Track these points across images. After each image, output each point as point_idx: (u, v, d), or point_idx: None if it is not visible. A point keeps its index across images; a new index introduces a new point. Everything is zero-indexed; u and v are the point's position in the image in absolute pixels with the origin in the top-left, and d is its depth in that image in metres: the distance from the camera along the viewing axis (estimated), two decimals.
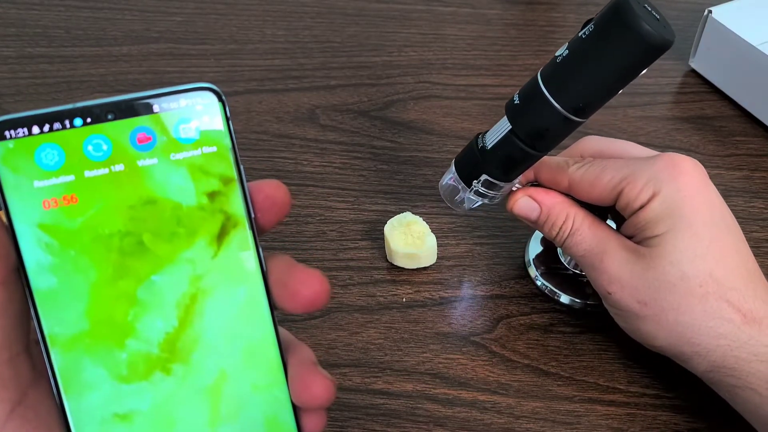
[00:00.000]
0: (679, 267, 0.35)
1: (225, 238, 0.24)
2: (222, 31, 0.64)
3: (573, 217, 0.39)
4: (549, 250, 0.47)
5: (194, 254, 0.24)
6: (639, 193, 0.36)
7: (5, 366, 0.22)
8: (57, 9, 0.65)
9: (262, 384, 0.25)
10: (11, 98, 0.56)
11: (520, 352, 0.42)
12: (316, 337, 0.42)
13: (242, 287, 0.24)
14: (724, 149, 0.55)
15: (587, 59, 0.33)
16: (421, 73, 0.60)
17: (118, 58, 0.61)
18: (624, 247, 0.38)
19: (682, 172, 0.36)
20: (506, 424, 0.39)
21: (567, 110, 0.35)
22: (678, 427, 0.39)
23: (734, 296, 0.35)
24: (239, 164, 0.24)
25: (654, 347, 0.38)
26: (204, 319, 0.24)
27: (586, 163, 0.39)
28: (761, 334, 0.34)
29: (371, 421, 0.39)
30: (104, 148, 0.23)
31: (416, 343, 0.42)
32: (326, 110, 0.57)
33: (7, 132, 0.22)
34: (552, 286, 0.44)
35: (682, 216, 0.36)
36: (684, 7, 0.69)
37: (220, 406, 0.25)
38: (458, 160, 0.42)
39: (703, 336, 0.35)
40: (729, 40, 0.56)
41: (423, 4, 0.68)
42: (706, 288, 0.35)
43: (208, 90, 0.23)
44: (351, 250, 0.47)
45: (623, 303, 0.37)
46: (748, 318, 0.34)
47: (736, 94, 0.58)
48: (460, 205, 0.43)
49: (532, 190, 0.41)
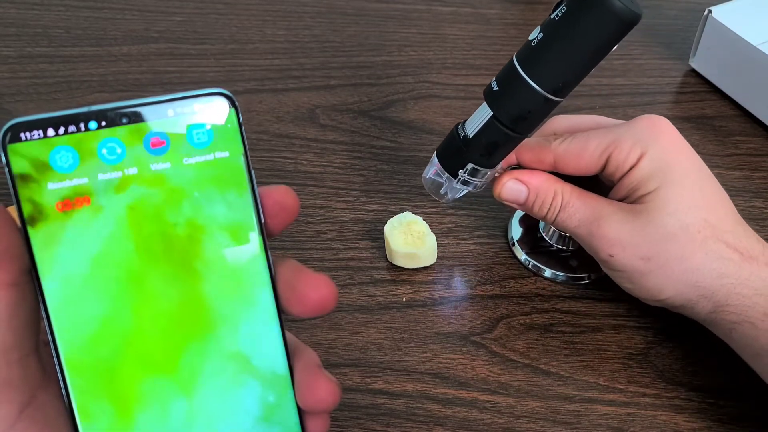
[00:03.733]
0: (677, 217, 0.37)
1: (236, 242, 0.24)
2: (222, 31, 0.64)
3: (561, 192, 0.40)
4: (530, 228, 0.48)
5: (205, 257, 0.24)
6: (627, 155, 0.38)
7: (15, 366, 0.22)
8: (57, 9, 0.65)
9: (268, 387, 0.25)
10: (11, 98, 0.56)
11: (520, 352, 0.42)
12: (316, 337, 0.42)
13: (252, 291, 0.25)
14: (724, 149, 0.55)
15: (562, 39, 0.35)
16: (421, 72, 0.60)
17: (118, 58, 0.61)
18: (619, 208, 0.39)
19: (662, 130, 0.39)
20: (506, 424, 0.39)
21: (547, 91, 0.36)
22: (678, 427, 0.39)
23: (730, 238, 0.37)
24: (251, 170, 0.24)
25: (660, 301, 0.39)
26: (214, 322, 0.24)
27: (568, 137, 0.40)
28: (760, 270, 0.37)
29: (371, 421, 0.39)
30: (118, 152, 0.23)
31: (416, 343, 0.42)
32: (326, 110, 0.57)
33: (23, 134, 0.22)
34: (536, 262, 0.46)
35: (671, 170, 0.38)
36: (684, 7, 0.69)
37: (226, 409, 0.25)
38: (441, 152, 0.42)
39: (707, 278, 0.37)
40: (729, 40, 0.56)
41: (423, 4, 0.68)
42: (704, 233, 0.37)
43: (222, 95, 0.23)
44: (351, 250, 0.47)
45: (626, 263, 0.38)
46: (745, 256, 0.37)
47: (736, 94, 0.58)
48: (445, 196, 0.43)
49: (516, 173, 0.42)
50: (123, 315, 0.24)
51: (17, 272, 0.22)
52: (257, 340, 0.25)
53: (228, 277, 0.24)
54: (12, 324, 0.22)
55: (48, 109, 0.55)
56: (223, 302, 0.24)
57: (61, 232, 0.23)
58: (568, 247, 0.46)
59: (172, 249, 0.24)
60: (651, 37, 0.65)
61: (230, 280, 0.24)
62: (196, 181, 0.24)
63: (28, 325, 0.23)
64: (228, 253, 0.24)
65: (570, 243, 0.46)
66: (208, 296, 0.24)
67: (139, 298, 0.24)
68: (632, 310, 0.44)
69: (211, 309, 0.24)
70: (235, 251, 0.24)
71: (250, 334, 0.25)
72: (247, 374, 0.25)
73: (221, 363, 0.25)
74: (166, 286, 0.24)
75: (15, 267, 0.22)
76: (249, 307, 0.25)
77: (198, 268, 0.24)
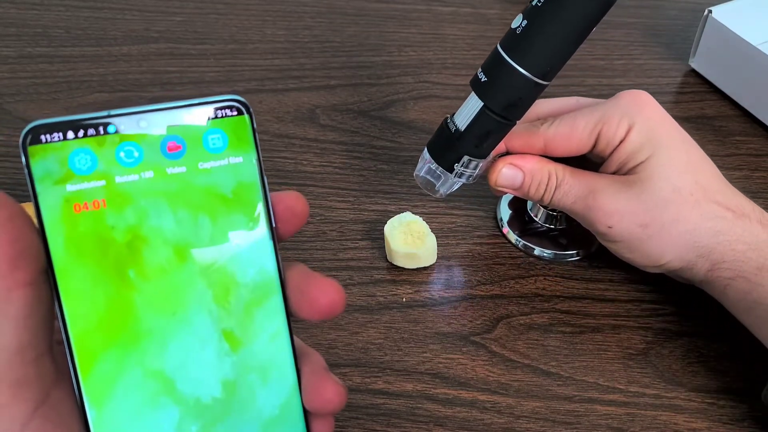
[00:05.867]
0: (669, 182, 0.39)
1: (248, 246, 0.25)
2: (222, 31, 0.64)
3: (555, 172, 0.42)
4: (519, 211, 0.49)
5: (219, 261, 0.24)
6: (616, 130, 0.40)
7: (31, 365, 0.23)
8: (57, 9, 0.65)
9: (275, 390, 0.25)
10: (11, 98, 0.56)
11: (520, 352, 0.42)
12: (316, 337, 0.42)
13: (262, 294, 0.25)
14: (724, 149, 0.55)
15: (547, 24, 0.36)
16: (421, 73, 0.60)
17: (118, 58, 0.61)
18: (613, 180, 0.40)
19: (645, 103, 0.41)
20: (506, 424, 0.39)
21: (536, 76, 0.37)
22: (678, 427, 0.39)
23: (720, 197, 0.39)
24: (263, 175, 0.25)
25: (660, 266, 0.40)
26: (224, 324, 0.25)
27: (555, 121, 0.42)
28: (752, 226, 0.38)
29: (371, 421, 0.39)
30: (135, 155, 0.23)
31: (416, 343, 0.42)
32: (326, 110, 0.57)
33: (43, 136, 0.23)
34: (526, 242, 0.47)
35: (659, 139, 0.40)
36: (684, 7, 0.69)
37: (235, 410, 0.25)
38: (433, 147, 0.43)
39: (704, 237, 0.38)
40: (729, 40, 0.56)
41: (423, 4, 0.68)
42: (696, 195, 0.39)
43: (237, 102, 0.24)
44: (351, 250, 0.47)
45: (626, 231, 0.40)
46: (738, 213, 0.39)
47: (736, 94, 0.58)
48: (439, 191, 0.44)
49: (509, 158, 0.43)
50: (137, 316, 0.24)
51: (35, 272, 0.22)
52: (266, 342, 0.25)
53: (240, 280, 0.25)
54: (28, 323, 0.22)
55: (48, 109, 0.56)
56: (234, 305, 0.25)
57: (77, 233, 0.23)
58: (556, 226, 0.47)
59: (186, 252, 0.24)
60: (651, 37, 0.65)
61: (241, 284, 0.25)
62: (210, 186, 0.24)
63: (44, 324, 0.23)
64: (239, 257, 0.25)
65: (557, 222, 0.48)
66: (219, 299, 0.25)
67: (153, 299, 0.24)
68: (632, 310, 0.44)
69: (222, 311, 0.25)
70: (248, 255, 0.25)
71: (260, 336, 0.25)
72: (255, 376, 0.25)
73: (231, 364, 0.25)
74: (178, 288, 0.24)
75: (33, 267, 0.22)
76: (259, 309, 0.25)
77: (210, 271, 0.24)
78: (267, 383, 0.25)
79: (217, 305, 0.25)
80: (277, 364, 0.25)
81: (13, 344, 0.22)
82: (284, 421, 0.25)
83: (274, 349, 0.25)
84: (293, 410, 0.26)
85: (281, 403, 0.25)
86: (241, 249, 0.25)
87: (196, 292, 0.24)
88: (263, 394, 0.25)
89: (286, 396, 0.25)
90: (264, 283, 0.25)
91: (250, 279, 0.25)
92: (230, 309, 0.25)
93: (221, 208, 0.24)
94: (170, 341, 0.24)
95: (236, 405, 0.25)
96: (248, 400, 0.25)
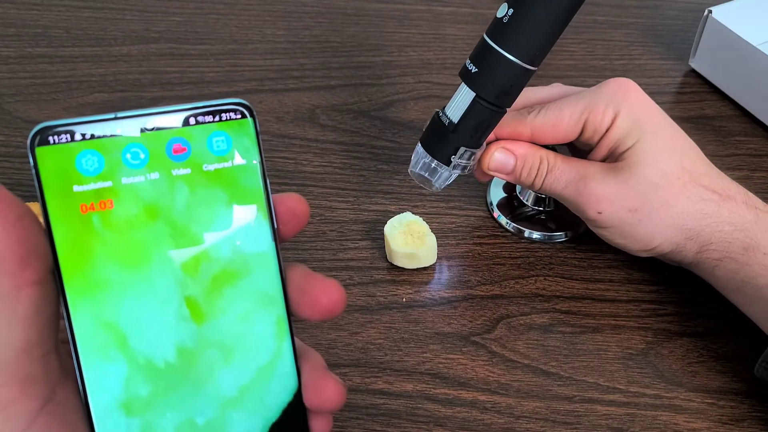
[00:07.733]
0: (656, 166, 0.40)
1: (250, 247, 0.25)
2: (222, 31, 0.64)
3: (546, 157, 0.43)
4: (509, 194, 0.50)
5: (221, 262, 0.25)
6: (603, 118, 0.41)
7: (38, 363, 0.23)
8: (57, 9, 0.65)
9: (277, 389, 0.26)
10: (11, 98, 0.56)
11: (520, 352, 0.42)
12: (316, 338, 0.42)
13: (264, 294, 0.25)
14: (724, 149, 0.55)
15: (533, 10, 0.37)
16: (421, 73, 0.60)
17: (118, 58, 0.61)
18: (602, 167, 0.41)
19: (629, 89, 0.41)
20: (506, 424, 0.39)
21: (526, 62, 0.38)
22: (678, 427, 0.39)
23: (706, 180, 0.40)
24: (266, 177, 0.25)
25: (651, 250, 0.41)
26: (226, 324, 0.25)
27: (541, 109, 0.42)
28: (738, 207, 0.39)
29: (371, 421, 0.39)
30: (141, 157, 0.24)
31: (416, 343, 0.42)
32: (326, 110, 0.57)
33: (51, 137, 0.23)
34: (515, 224, 0.48)
35: (644, 125, 0.40)
36: (684, 7, 0.69)
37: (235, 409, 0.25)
38: (428, 142, 0.43)
39: (692, 220, 0.39)
40: (729, 40, 0.56)
41: (423, 4, 0.68)
42: (683, 179, 0.40)
43: (241, 105, 0.25)
44: (351, 250, 0.47)
45: (616, 216, 0.40)
46: (723, 196, 0.39)
47: (736, 94, 0.58)
48: (435, 184, 0.44)
49: (502, 143, 0.43)
50: (141, 316, 0.24)
51: (42, 271, 0.23)
52: (267, 342, 0.25)
53: (242, 280, 0.25)
54: (36, 321, 0.22)
55: (48, 109, 0.56)
56: (236, 305, 0.25)
57: (84, 233, 0.23)
58: (544, 209, 0.49)
59: (190, 253, 0.24)
60: (651, 37, 0.65)
61: (243, 284, 0.25)
62: (215, 187, 0.25)
63: (50, 322, 0.23)
64: (242, 257, 0.25)
65: (545, 205, 0.48)
66: (220, 299, 0.25)
67: (157, 300, 0.24)
68: (632, 310, 0.44)
69: (223, 312, 0.25)
70: (250, 256, 0.25)
71: (261, 336, 0.25)
72: (257, 376, 0.25)
73: (233, 364, 0.25)
74: (183, 289, 0.24)
75: (41, 266, 0.22)
76: (261, 310, 0.25)
77: (212, 272, 0.25)
78: (268, 382, 0.25)
79: (218, 305, 0.25)
80: (278, 363, 0.26)
81: (21, 342, 0.22)
82: (286, 418, 0.26)
83: (275, 348, 0.26)
84: (295, 408, 0.26)
85: (283, 401, 0.26)
86: (243, 249, 0.25)
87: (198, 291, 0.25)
88: (264, 392, 0.25)
89: (288, 394, 0.26)
90: (266, 283, 0.25)
91: (252, 279, 0.25)
92: (230, 309, 0.25)
93: (224, 210, 0.25)
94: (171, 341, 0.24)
95: (239, 404, 0.25)
96: (250, 399, 0.25)
